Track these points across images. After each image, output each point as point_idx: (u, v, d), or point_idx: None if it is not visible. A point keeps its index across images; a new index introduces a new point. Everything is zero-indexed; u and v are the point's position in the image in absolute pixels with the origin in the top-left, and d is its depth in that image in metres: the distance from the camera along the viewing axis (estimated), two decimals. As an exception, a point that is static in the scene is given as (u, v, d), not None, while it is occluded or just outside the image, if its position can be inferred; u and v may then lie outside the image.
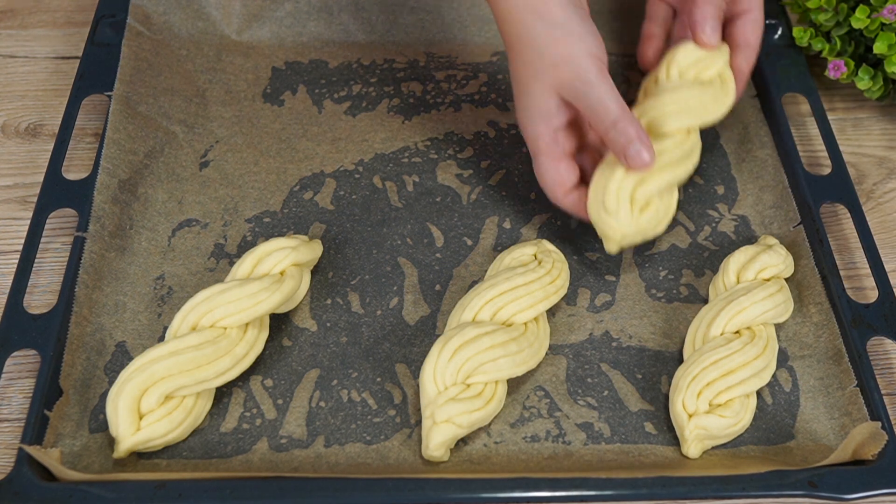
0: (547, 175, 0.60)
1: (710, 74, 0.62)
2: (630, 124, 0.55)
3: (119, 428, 0.51)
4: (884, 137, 0.73)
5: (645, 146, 0.55)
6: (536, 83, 0.57)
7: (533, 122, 0.58)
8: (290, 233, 0.64)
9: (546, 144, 0.59)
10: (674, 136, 0.59)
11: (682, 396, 0.54)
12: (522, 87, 0.58)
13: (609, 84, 0.56)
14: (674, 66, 0.62)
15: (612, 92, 0.56)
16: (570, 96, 0.57)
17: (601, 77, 0.56)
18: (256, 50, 0.76)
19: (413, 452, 0.54)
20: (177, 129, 0.69)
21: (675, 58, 0.63)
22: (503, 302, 0.56)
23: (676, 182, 0.60)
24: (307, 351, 0.58)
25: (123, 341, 0.58)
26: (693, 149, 0.60)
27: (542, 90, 0.57)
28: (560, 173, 0.59)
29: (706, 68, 0.62)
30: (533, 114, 0.58)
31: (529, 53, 0.57)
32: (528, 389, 0.57)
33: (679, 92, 0.61)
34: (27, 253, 0.59)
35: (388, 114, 0.72)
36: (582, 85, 0.56)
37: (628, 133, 0.55)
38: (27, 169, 0.69)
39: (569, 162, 0.60)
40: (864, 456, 0.52)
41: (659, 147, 0.58)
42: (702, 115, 0.61)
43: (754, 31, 0.65)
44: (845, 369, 0.56)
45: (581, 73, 0.55)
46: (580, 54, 0.55)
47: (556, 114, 0.58)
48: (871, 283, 0.61)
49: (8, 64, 0.76)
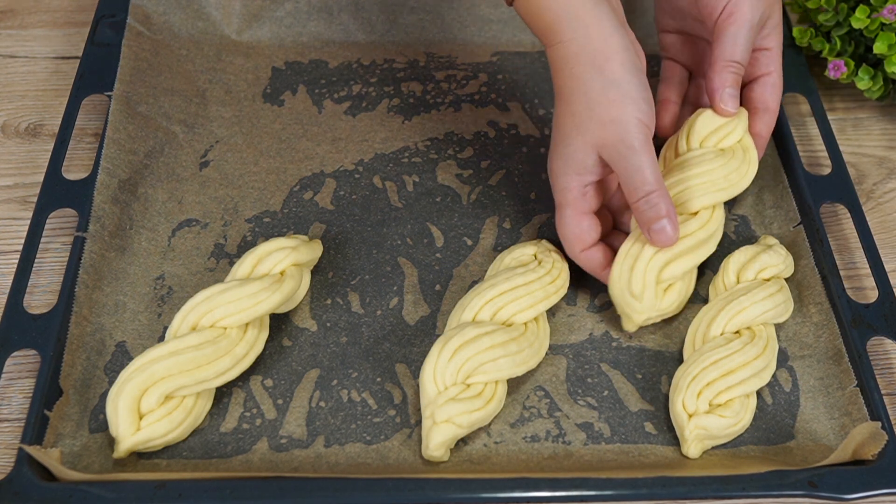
0: (568, 228, 0.58)
1: (731, 142, 0.62)
2: (662, 199, 0.55)
3: (119, 428, 0.51)
4: (884, 137, 0.73)
5: (672, 224, 0.56)
6: (579, 137, 0.56)
7: (567, 173, 0.57)
8: (290, 233, 0.64)
9: (574, 198, 0.58)
10: (700, 215, 0.59)
11: (682, 396, 0.54)
12: (564, 137, 0.57)
13: (651, 154, 0.55)
14: (694, 136, 0.62)
15: (653, 163, 0.55)
16: (610, 158, 0.55)
17: (645, 146, 0.55)
18: (256, 50, 0.76)
19: (413, 452, 0.54)
20: (177, 129, 0.69)
21: (695, 127, 0.62)
22: (503, 302, 0.56)
23: (699, 262, 0.59)
24: (307, 351, 0.58)
25: (123, 341, 0.58)
26: (718, 227, 0.60)
27: (584, 145, 0.56)
28: (582, 229, 0.58)
29: (726, 136, 0.62)
30: (569, 166, 0.57)
31: (579, 106, 0.55)
32: (528, 389, 0.57)
33: (703, 166, 0.60)
34: (27, 253, 0.59)
35: (388, 114, 0.72)
36: (625, 149, 0.54)
37: (659, 209, 0.55)
38: (27, 169, 0.69)
39: (592, 219, 0.59)
40: (864, 456, 0.52)
41: (685, 229, 0.58)
42: (727, 190, 0.60)
43: (773, 95, 0.65)
44: (845, 369, 0.56)
45: (626, 138, 0.54)
46: (630, 119, 0.54)
47: (592, 170, 0.57)
48: (871, 283, 0.61)
49: (8, 64, 0.76)
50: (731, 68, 0.61)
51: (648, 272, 0.57)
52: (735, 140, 0.62)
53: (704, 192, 0.59)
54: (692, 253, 0.58)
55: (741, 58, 0.61)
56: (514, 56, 0.77)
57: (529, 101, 0.73)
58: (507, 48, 0.78)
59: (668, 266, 0.57)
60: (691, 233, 0.58)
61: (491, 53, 0.77)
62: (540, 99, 0.74)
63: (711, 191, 0.59)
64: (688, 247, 0.58)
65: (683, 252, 0.58)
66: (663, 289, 0.58)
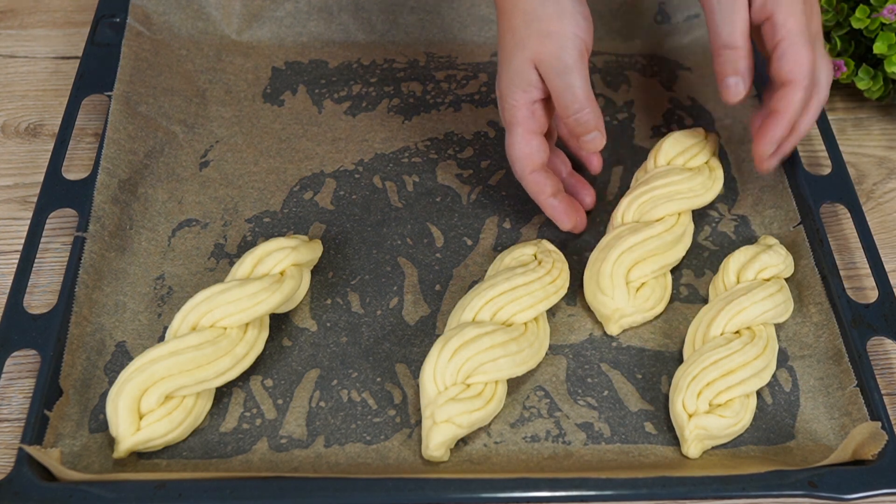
0: (518, 148, 0.60)
1: (698, 163, 0.65)
2: (592, 114, 0.57)
3: (119, 428, 0.51)
4: (884, 137, 0.73)
5: (601, 133, 0.59)
6: (519, 52, 0.57)
7: (512, 91, 0.58)
8: (290, 233, 0.64)
9: (523, 116, 0.59)
10: (665, 220, 0.61)
11: (682, 396, 0.54)
12: (507, 54, 0.58)
13: (584, 73, 0.56)
14: (661, 156, 0.65)
15: (584, 81, 0.56)
16: (546, 74, 0.57)
17: (579, 63, 0.56)
18: (256, 50, 0.76)
19: (413, 452, 0.54)
20: (177, 129, 0.69)
21: (663, 148, 0.65)
22: (503, 302, 0.56)
23: (669, 265, 0.61)
24: (307, 351, 0.58)
25: (123, 341, 0.58)
26: (684, 232, 0.62)
27: (524, 59, 0.57)
28: (532, 148, 0.59)
29: (693, 157, 0.65)
30: (514, 83, 0.58)
31: (518, 21, 0.57)
32: (528, 389, 0.57)
33: (668, 178, 0.63)
34: (27, 253, 0.59)
35: (388, 114, 0.72)
36: (559, 65, 0.56)
37: (588, 124, 0.58)
38: (27, 169, 0.69)
39: (541, 139, 0.60)
40: (864, 456, 0.52)
41: (651, 232, 0.60)
42: (691, 200, 0.63)
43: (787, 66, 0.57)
44: (845, 369, 0.56)
45: (561, 54, 0.56)
46: (566, 33, 0.56)
47: (536, 86, 0.58)
48: (871, 283, 0.61)
49: (8, 64, 0.76)
50: (720, 56, 0.58)
51: (616, 271, 0.59)
52: (702, 161, 0.65)
53: (668, 199, 0.62)
54: (659, 255, 0.60)
55: (727, 41, 0.57)
56: (514, 56, 0.77)
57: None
58: (507, 48, 0.78)
59: (636, 266, 0.59)
60: (656, 234, 0.60)
61: (491, 53, 0.77)
62: (540, 99, 0.74)
63: (675, 199, 0.62)
64: (654, 247, 0.60)
65: (649, 253, 0.60)
66: (635, 287, 0.59)
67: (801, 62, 0.56)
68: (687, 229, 0.62)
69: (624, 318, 0.59)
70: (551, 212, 0.62)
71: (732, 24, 0.57)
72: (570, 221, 0.62)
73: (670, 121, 0.73)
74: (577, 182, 0.66)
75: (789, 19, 0.56)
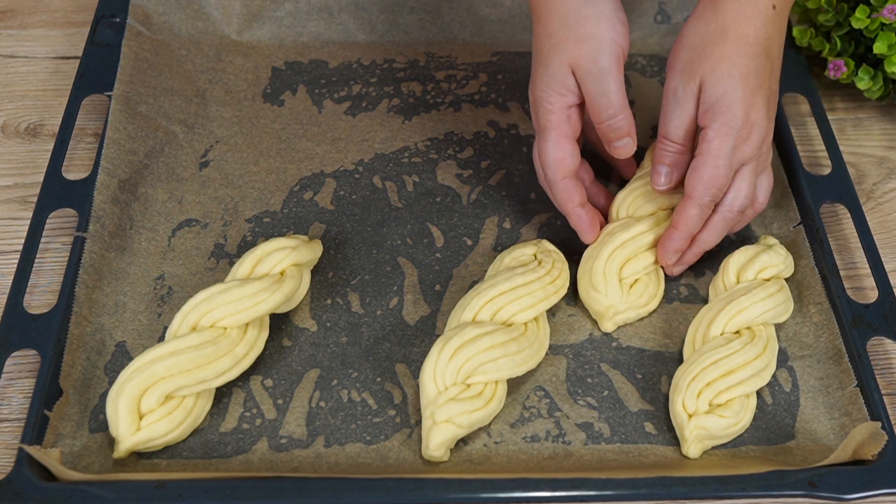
0: (551, 152, 0.59)
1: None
2: (625, 120, 0.57)
3: (119, 428, 0.51)
4: (884, 137, 0.73)
5: (633, 139, 0.58)
6: (556, 56, 0.56)
7: (548, 94, 0.58)
8: (290, 233, 0.64)
9: (558, 120, 0.58)
10: (656, 215, 0.61)
11: (682, 396, 0.54)
12: (542, 57, 0.57)
13: (619, 78, 0.56)
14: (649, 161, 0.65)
15: (620, 86, 0.56)
16: (581, 78, 0.56)
17: (616, 68, 0.56)
18: (256, 50, 0.76)
19: (413, 452, 0.54)
20: (177, 129, 0.69)
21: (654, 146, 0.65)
22: (503, 302, 0.56)
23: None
24: (307, 351, 0.58)
25: (123, 341, 0.58)
26: None
27: (561, 63, 0.56)
28: (566, 153, 0.58)
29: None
30: (550, 87, 0.57)
31: (554, 25, 0.56)
32: (528, 389, 0.57)
33: None
34: (27, 253, 0.59)
35: (388, 114, 0.72)
36: (595, 69, 0.55)
37: (622, 130, 0.57)
38: (27, 169, 0.69)
39: (574, 144, 0.59)
40: (864, 456, 0.52)
41: (642, 228, 0.60)
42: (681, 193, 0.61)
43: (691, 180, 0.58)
44: (845, 369, 0.56)
45: (599, 58, 0.55)
46: (604, 38, 0.55)
47: (572, 91, 0.57)
48: (871, 283, 0.61)
49: (8, 64, 0.76)
50: (660, 143, 0.59)
51: (608, 268, 0.59)
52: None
53: (658, 194, 0.62)
54: (651, 251, 0.61)
55: (667, 133, 0.58)
56: (514, 56, 0.77)
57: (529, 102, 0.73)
58: (507, 48, 0.78)
59: (629, 263, 0.60)
60: (648, 230, 0.61)
61: (491, 53, 0.77)
62: (540, 99, 0.74)
63: (666, 194, 0.62)
64: (646, 243, 0.60)
65: (641, 248, 0.60)
66: (629, 284, 0.60)
67: (702, 181, 0.56)
68: None
69: (618, 314, 0.59)
70: (577, 222, 0.61)
71: (675, 119, 0.58)
72: (594, 234, 0.61)
73: (670, 121, 0.72)
74: (598, 191, 0.65)
75: (715, 138, 0.56)
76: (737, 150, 0.56)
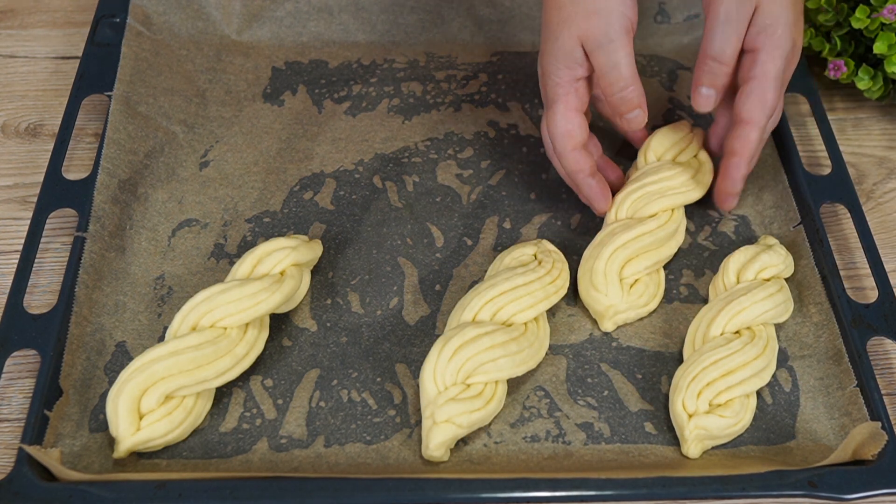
0: (560, 125, 0.59)
1: (686, 158, 0.65)
2: (636, 92, 0.58)
3: (119, 428, 0.51)
4: (884, 137, 0.73)
5: (643, 111, 0.59)
6: (565, 29, 0.57)
7: (557, 67, 0.58)
8: (290, 233, 0.64)
9: (566, 93, 0.59)
10: (658, 216, 0.61)
11: (682, 396, 0.54)
12: (552, 31, 0.58)
13: (630, 50, 0.56)
14: (650, 153, 0.65)
15: (630, 58, 0.57)
16: (591, 51, 0.57)
17: (625, 40, 0.56)
18: (256, 50, 0.76)
19: (413, 452, 0.54)
20: (177, 129, 0.69)
21: (651, 144, 0.65)
22: (503, 302, 0.56)
23: (662, 261, 0.61)
24: (307, 351, 0.58)
25: (123, 341, 0.58)
26: (677, 228, 0.62)
27: (570, 36, 0.57)
28: (574, 125, 0.59)
29: (681, 152, 0.65)
30: (559, 59, 0.58)
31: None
32: (528, 389, 0.57)
33: (660, 174, 0.63)
34: (27, 253, 0.59)
35: (388, 114, 0.72)
36: (605, 42, 0.56)
37: (633, 100, 0.58)
38: (27, 169, 0.69)
39: (582, 117, 0.60)
40: (864, 456, 0.52)
41: (644, 228, 0.60)
42: (685, 195, 0.63)
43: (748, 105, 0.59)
44: (845, 369, 0.56)
45: (608, 31, 0.56)
46: (613, 10, 0.56)
47: (581, 63, 0.58)
48: (871, 283, 0.61)
49: (8, 64, 0.76)
50: (704, 65, 0.59)
51: (609, 268, 0.59)
52: (691, 155, 0.66)
53: (661, 195, 0.62)
54: (653, 251, 0.60)
55: (716, 53, 0.58)
56: (514, 56, 0.77)
57: (529, 101, 0.73)
58: (507, 48, 0.78)
59: (630, 263, 0.60)
60: (650, 231, 0.60)
61: (491, 53, 0.77)
62: (540, 99, 0.73)
63: (668, 195, 0.62)
64: (647, 244, 0.60)
65: (642, 249, 0.60)
66: (629, 284, 0.60)
67: (764, 106, 0.58)
68: (680, 225, 0.62)
69: (618, 314, 0.59)
70: (588, 191, 0.61)
71: (726, 40, 0.57)
72: (606, 202, 0.62)
73: (670, 121, 0.72)
74: (605, 164, 0.65)
75: (769, 61, 0.57)
76: (785, 72, 0.58)
